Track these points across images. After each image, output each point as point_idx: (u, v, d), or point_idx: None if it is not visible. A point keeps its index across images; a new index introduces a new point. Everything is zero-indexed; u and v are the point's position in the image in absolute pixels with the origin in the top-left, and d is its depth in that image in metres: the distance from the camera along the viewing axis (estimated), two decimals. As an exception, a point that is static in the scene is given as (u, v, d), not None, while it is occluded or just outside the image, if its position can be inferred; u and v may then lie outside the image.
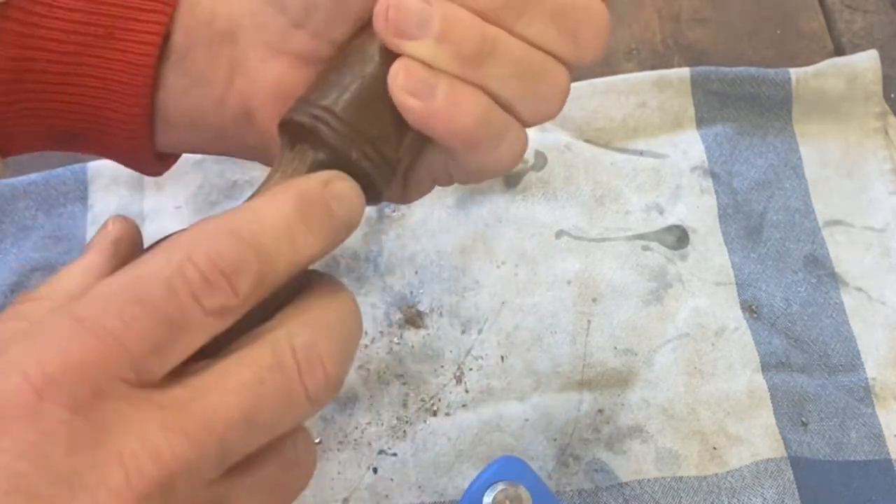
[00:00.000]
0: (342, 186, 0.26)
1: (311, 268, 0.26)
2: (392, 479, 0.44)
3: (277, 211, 0.24)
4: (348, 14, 0.31)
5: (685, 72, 0.54)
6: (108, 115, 0.32)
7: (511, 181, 0.51)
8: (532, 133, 0.52)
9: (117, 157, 0.35)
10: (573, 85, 0.56)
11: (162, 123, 0.32)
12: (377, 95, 0.28)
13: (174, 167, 0.55)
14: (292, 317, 0.25)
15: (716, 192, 0.51)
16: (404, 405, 0.46)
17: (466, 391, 0.46)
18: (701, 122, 0.53)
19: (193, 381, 0.23)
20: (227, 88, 0.31)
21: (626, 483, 0.44)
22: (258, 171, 0.52)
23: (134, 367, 0.22)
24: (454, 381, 0.47)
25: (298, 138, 0.28)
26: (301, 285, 0.26)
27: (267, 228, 0.24)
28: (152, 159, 0.34)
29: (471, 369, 0.47)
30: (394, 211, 0.51)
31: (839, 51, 0.56)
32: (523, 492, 0.39)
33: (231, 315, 0.23)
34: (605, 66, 0.56)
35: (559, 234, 0.50)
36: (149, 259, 0.23)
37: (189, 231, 0.24)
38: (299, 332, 0.24)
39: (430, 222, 0.50)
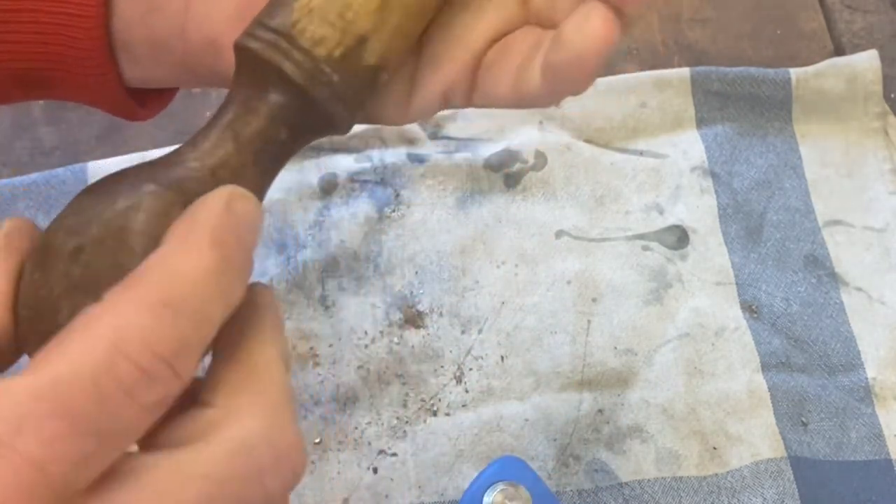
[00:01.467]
0: (244, 206, 0.23)
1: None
2: (392, 479, 0.44)
3: (200, 263, 0.21)
4: None
5: (685, 72, 0.54)
6: (64, 51, 0.31)
7: (511, 181, 0.51)
8: (532, 133, 0.53)
9: (92, 99, 0.33)
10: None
11: (124, 56, 0.31)
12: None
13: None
14: (235, 402, 0.22)
15: (716, 192, 0.51)
16: (404, 405, 0.46)
17: (466, 391, 0.46)
18: (701, 122, 0.53)
19: (125, 493, 0.19)
20: (185, 16, 0.30)
21: (626, 483, 0.44)
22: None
23: (57, 493, 0.18)
24: (454, 381, 0.47)
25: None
26: None
27: (199, 290, 0.21)
28: (126, 98, 0.33)
29: (471, 369, 0.47)
30: (394, 211, 0.51)
31: (839, 51, 0.56)
32: (523, 492, 0.39)
33: (172, 399, 0.20)
34: (606, 66, 0.56)
35: (559, 234, 0.50)
36: (66, 350, 0.19)
37: (107, 307, 0.20)
38: (253, 428, 0.21)
39: (430, 222, 0.50)
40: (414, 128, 0.53)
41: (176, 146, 0.26)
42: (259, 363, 0.23)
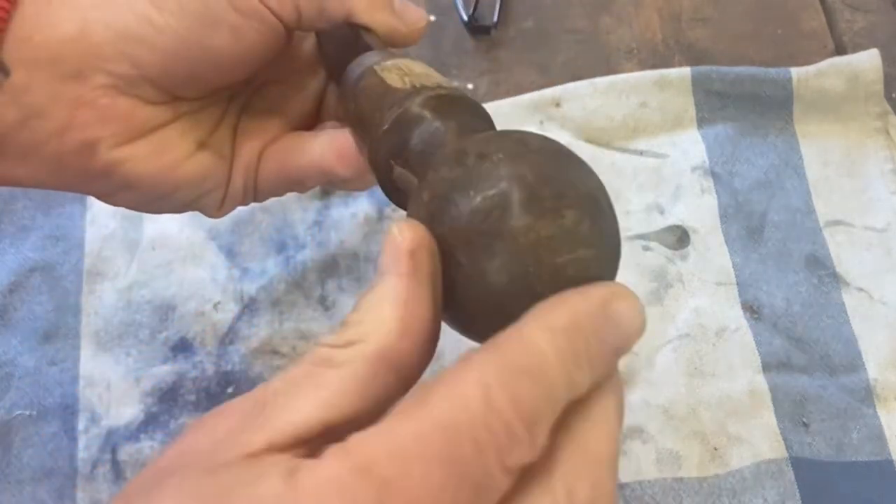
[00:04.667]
0: (625, 308, 0.23)
1: None
2: (392, 480, 0.44)
3: (554, 344, 0.21)
4: (204, 85, 0.33)
5: (686, 71, 0.53)
6: None
7: (511, 181, 0.51)
8: (533, 133, 0.52)
9: None
10: (574, 85, 0.56)
11: None
12: None
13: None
14: (569, 456, 0.21)
15: (716, 191, 0.51)
16: (404, 406, 0.46)
17: (466, 392, 0.46)
18: (701, 121, 0.53)
19: None
20: (68, 120, 0.31)
21: (626, 483, 0.44)
22: (257, 171, 0.52)
23: None
24: (454, 381, 0.47)
25: None
26: None
27: (552, 366, 0.21)
28: None
29: (471, 370, 0.47)
30: (394, 211, 0.50)
31: (840, 50, 0.56)
32: (523, 493, 0.39)
33: (519, 471, 0.20)
34: (606, 65, 0.56)
35: (559, 234, 0.50)
36: (441, 402, 0.20)
37: (470, 366, 0.21)
38: (579, 486, 0.21)
39: (429, 222, 0.50)
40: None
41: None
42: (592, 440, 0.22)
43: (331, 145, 0.36)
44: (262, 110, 0.38)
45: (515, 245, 0.23)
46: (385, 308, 0.23)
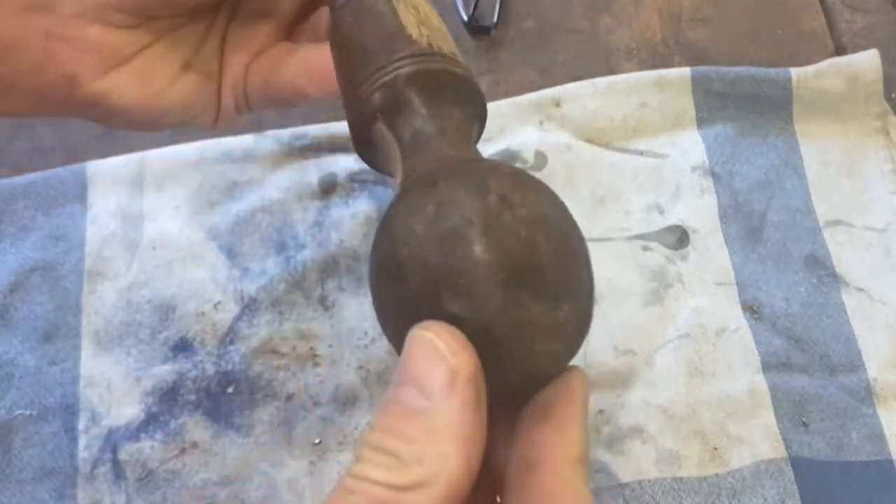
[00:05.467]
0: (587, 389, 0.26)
1: None
2: (392, 480, 0.44)
3: (578, 475, 0.24)
4: (177, 3, 0.32)
5: (685, 71, 0.53)
6: None
7: (511, 181, 0.51)
8: (532, 133, 0.53)
9: None
10: (574, 85, 0.56)
11: None
12: None
13: (175, 167, 0.54)
14: None
15: (716, 191, 0.51)
16: (404, 405, 0.46)
17: (466, 391, 0.46)
18: (701, 121, 0.53)
19: None
20: (44, 53, 0.31)
21: (626, 483, 0.44)
22: (258, 171, 0.52)
23: None
24: (454, 381, 0.47)
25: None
26: None
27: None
28: None
29: (471, 370, 0.47)
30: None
31: (840, 50, 0.56)
32: (523, 492, 0.39)
33: None
34: (605, 65, 0.56)
35: (559, 234, 0.50)
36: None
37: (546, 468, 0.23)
38: None
39: (430, 222, 0.50)
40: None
41: (177, 145, 0.26)
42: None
43: (305, 67, 0.34)
44: (253, 13, 0.36)
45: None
46: (449, 444, 0.21)
